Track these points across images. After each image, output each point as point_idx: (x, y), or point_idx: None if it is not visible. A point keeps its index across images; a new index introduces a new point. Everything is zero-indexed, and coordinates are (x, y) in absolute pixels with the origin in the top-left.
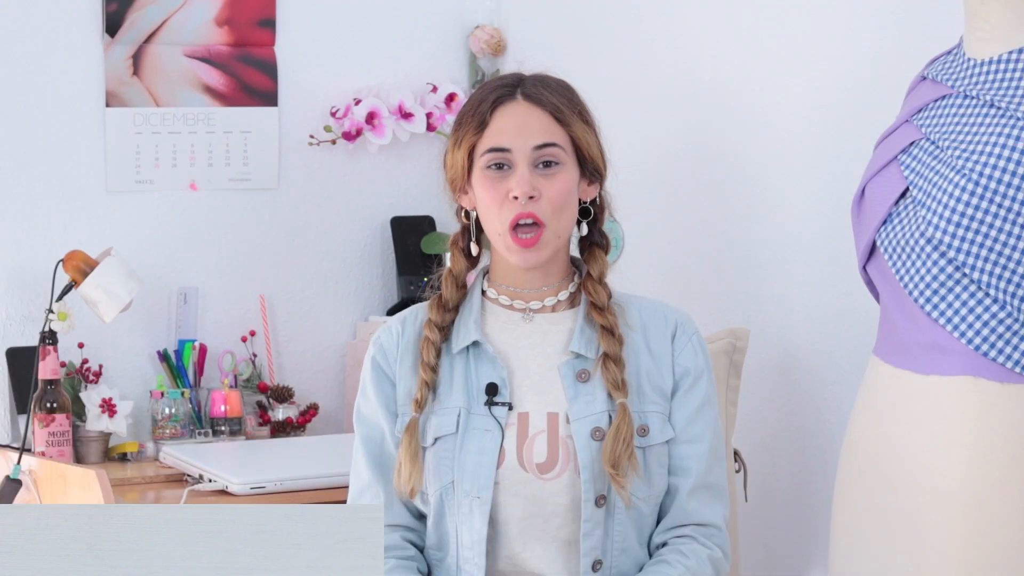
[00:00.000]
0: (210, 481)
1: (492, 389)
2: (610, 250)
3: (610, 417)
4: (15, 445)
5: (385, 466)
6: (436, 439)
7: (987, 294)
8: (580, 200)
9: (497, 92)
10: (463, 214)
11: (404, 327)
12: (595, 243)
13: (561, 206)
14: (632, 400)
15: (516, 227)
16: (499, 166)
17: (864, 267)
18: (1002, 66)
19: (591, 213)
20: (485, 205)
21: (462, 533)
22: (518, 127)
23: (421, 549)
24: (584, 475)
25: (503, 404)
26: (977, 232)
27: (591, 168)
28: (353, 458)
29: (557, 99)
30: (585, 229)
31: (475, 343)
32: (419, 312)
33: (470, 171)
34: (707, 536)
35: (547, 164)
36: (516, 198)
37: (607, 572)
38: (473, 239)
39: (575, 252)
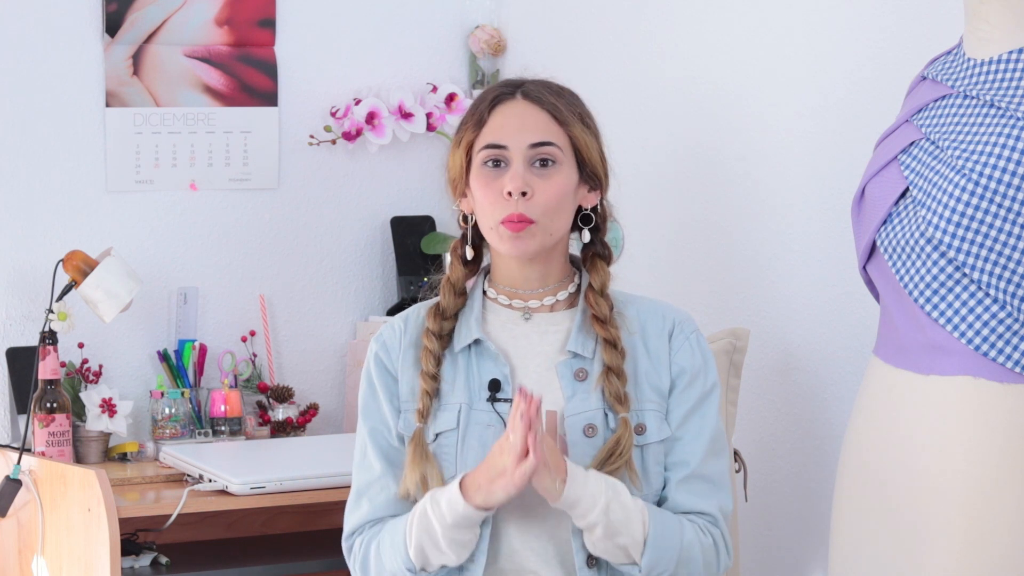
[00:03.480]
0: (210, 481)
1: (495, 385)
2: (612, 260)
3: (605, 414)
4: (15, 445)
5: (393, 459)
6: (437, 435)
7: (987, 294)
8: (580, 207)
9: (497, 91)
10: (462, 218)
11: (406, 324)
12: (597, 253)
13: (555, 207)
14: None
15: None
16: (495, 163)
17: (864, 267)
18: (1002, 66)
19: (592, 220)
20: (480, 202)
21: None
22: (515, 125)
23: None
24: None
25: (506, 400)
26: (977, 232)
27: (590, 173)
28: (356, 453)
29: (557, 100)
30: (587, 236)
31: (476, 341)
32: (421, 311)
33: (468, 170)
34: (701, 523)
35: (543, 163)
36: (510, 194)
37: (602, 569)
38: (470, 243)
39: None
